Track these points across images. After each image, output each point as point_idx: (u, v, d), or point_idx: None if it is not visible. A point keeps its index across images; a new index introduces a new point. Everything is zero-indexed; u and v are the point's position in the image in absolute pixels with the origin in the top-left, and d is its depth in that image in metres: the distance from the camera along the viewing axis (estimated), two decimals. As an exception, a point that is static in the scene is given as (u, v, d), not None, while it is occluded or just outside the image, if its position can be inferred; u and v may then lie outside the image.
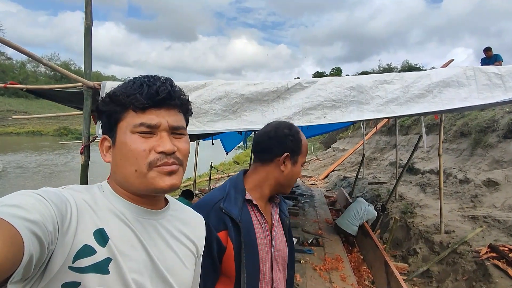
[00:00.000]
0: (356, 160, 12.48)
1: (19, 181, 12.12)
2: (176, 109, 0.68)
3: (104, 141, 0.68)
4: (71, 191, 0.61)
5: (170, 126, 0.65)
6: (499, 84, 2.12)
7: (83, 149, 2.20)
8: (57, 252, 0.52)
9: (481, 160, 6.24)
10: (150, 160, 0.62)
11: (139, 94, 0.62)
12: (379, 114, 2.10)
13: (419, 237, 4.50)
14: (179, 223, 0.75)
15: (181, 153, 0.66)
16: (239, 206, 0.98)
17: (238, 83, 2.21)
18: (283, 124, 1.07)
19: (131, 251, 0.62)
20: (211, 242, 0.90)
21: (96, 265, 0.56)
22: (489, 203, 5.00)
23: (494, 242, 3.63)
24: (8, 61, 58.39)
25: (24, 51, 1.71)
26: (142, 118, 0.63)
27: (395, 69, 43.79)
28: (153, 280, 0.64)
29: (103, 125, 0.68)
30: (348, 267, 3.69)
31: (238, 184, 1.03)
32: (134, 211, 0.66)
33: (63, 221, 0.53)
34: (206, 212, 0.91)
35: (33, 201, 0.50)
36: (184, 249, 0.73)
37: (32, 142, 29.14)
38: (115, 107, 0.65)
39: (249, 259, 0.96)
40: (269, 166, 1.04)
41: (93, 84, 2.18)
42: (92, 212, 0.60)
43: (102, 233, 0.59)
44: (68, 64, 68.42)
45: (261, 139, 1.06)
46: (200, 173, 11.84)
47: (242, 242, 0.95)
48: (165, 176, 0.63)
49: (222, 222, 0.93)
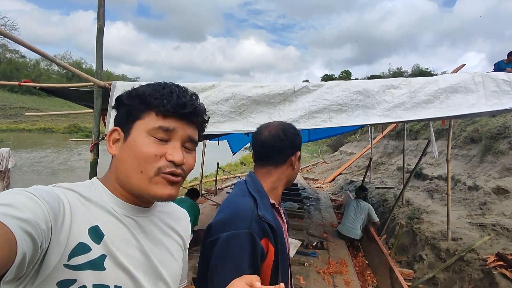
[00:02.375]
0: (364, 164, 12.38)
1: (31, 177, 12.37)
2: (195, 125, 0.69)
3: (114, 132, 0.68)
4: (62, 189, 0.61)
5: (184, 138, 0.66)
6: (508, 91, 2.10)
7: (92, 147, 2.25)
8: (51, 250, 0.52)
9: (491, 167, 6.14)
10: (159, 165, 0.62)
11: (167, 100, 0.63)
12: (385, 118, 2.10)
13: (426, 244, 4.45)
14: (166, 218, 0.77)
15: (187, 167, 0.67)
16: (270, 212, 0.97)
17: (246, 85, 2.23)
18: (285, 124, 1.07)
19: (125, 247, 0.63)
20: (257, 251, 0.86)
21: (91, 262, 0.57)
22: (498, 211, 4.92)
23: (502, 250, 3.57)
24: (21, 59, 59.68)
25: (39, 51, 1.76)
26: (161, 122, 0.63)
27: (405, 73, 43.26)
28: (147, 274, 0.66)
29: (119, 117, 0.68)
30: (352, 271, 3.67)
31: (260, 189, 1.01)
32: (127, 208, 0.67)
33: (56, 219, 0.53)
34: (249, 223, 0.88)
35: (25, 199, 0.49)
36: (173, 243, 0.76)
37: (44, 138, 29.65)
38: (139, 105, 0.65)
39: (283, 265, 0.96)
40: (282, 167, 1.04)
41: (104, 84, 2.23)
42: (85, 209, 0.61)
43: (97, 230, 0.59)
44: (80, 63, 69.54)
45: (272, 142, 1.03)
46: (206, 173, 11.90)
47: (279, 248, 0.94)
48: (168, 185, 0.64)
49: (263, 230, 0.91)
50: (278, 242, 0.94)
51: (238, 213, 0.92)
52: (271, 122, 1.10)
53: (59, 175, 13.42)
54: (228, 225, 0.89)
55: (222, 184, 10.63)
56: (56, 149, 22.08)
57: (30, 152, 19.70)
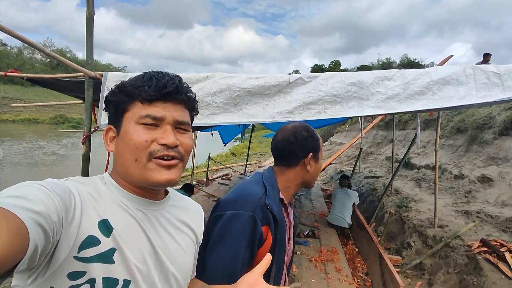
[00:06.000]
0: (353, 154, 12.56)
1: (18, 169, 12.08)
2: (182, 105, 0.69)
3: (109, 131, 0.69)
4: (74, 183, 0.62)
5: (175, 120, 0.67)
6: (497, 83, 2.15)
7: (84, 139, 2.20)
8: (62, 243, 0.53)
9: (476, 157, 6.32)
10: (150, 150, 0.63)
11: (148, 86, 0.64)
12: (379, 110, 2.13)
13: (413, 231, 4.59)
14: (179, 212, 0.77)
15: (183, 148, 0.68)
16: (277, 204, 1.01)
17: (240, 77, 2.21)
18: (298, 126, 1.10)
19: (135, 241, 0.64)
20: (255, 235, 0.91)
21: (100, 255, 0.58)
22: (483, 199, 5.09)
23: (486, 237, 3.71)
24: (2, 47, 57.37)
25: (27, 41, 1.70)
26: (147, 110, 0.64)
27: (394, 63, 43.71)
28: (156, 269, 0.66)
29: (110, 115, 0.69)
30: (343, 259, 3.76)
31: (274, 183, 1.06)
32: (136, 201, 0.67)
33: (67, 212, 0.54)
34: (253, 207, 0.93)
35: (37, 192, 0.51)
36: (185, 238, 0.76)
37: (28, 129, 28.86)
38: (123, 98, 0.66)
39: (279, 255, 1.00)
40: (295, 168, 1.08)
41: (95, 75, 2.18)
42: (95, 203, 0.62)
43: (106, 223, 0.60)
44: (64, 52, 67.35)
45: (281, 145, 1.08)
46: (197, 164, 11.86)
47: (278, 240, 0.98)
48: (164, 169, 0.64)
49: (266, 217, 0.95)
50: (278, 234, 0.97)
51: (246, 197, 0.96)
52: (287, 125, 1.13)
53: (42, 167, 13.14)
54: (235, 204, 0.93)
55: (214, 174, 10.63)
56: (42, 140, 21.56)
57: (16, 144, 19.18)
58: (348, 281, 3.20)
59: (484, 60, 8.41)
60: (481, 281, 3.08)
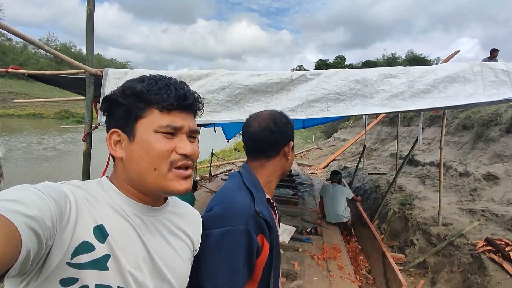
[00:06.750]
0: (357, 150, 12.50)
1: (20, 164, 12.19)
2: (194, 114, 0.71)
3: (113, 134, 0.66)
4: (70, 187, 0.61)
5: (190, 130, 0.68)
6: (506, 81, 2.09)
7: (85, 136, 2.20)
8: (55, 248, 0.52)
9: (482, 154, 6.25)
10: (171, 160, 0.64)
11: (166, 94, 0.63)
12: (383, 108, 2.08)
13: (417, 229, 4.55)
14: (177, 219, 0.76)
15: (194, 156, 0.68)
16: (265, 206, 0.95)
17: (242, 74, 2.18)
18: (275, 114, 1.02)
19: (130, 247, 0.62)
20: (252, 249, 0.85)
21: (94, 262, 0.56)
22: (488, 197, 5.03)
23: (491, 235, 3.67)
24: (8, 42, 57.67)
25: (25, 37, 1.68)
26: (167, 120, 0.64)
27: (399, 58, 43.26)
28: (152, 276, 0.65)
29: (117, 118, 0.66)
30: (346, 257, 3.74)
31: (257, 183, 0.97)
32: (135, 207, 0.66)
33: (62, 217, 0.53)
34: (245, 219, 0.85)
35: (33, 196, 0.50)
36: (182, 245, 0.75)
37: (34, 125, 29.09)
38: (137, 103, 0.64)
39: (276, 261, 0.95)
40: (276, 159, 1.00)
41: (96, 71, 2.16)
42: (91, 207, 0.60)
43: (102, 229, 0.59)
44: (68, 47, 67.48)
45: (261, 135, 0.98)
46: (201, 160, 11.89)
47: (274, 245, 0.92)
48: (182, 180, 0.66)
49: (259, 226, 0.88)
50: (274, 239, 0.93)
51: (234, 209, 0.87)
52: (260, 112, 1.04)
53: (48, 161, 13.24)
54: (222, 220, 0.85)
55: (217, 170, 10.64)
56: (47, 135, 21.72)
57: (21, 138, 19.34)
58: (351, 279, 3.18)
59: (491, 55, 8.29)
60: (485, 281, 3.05)
